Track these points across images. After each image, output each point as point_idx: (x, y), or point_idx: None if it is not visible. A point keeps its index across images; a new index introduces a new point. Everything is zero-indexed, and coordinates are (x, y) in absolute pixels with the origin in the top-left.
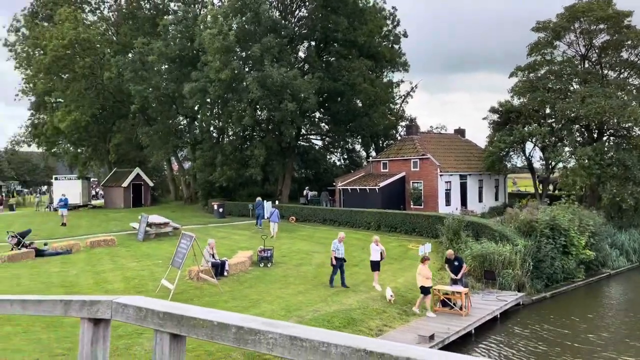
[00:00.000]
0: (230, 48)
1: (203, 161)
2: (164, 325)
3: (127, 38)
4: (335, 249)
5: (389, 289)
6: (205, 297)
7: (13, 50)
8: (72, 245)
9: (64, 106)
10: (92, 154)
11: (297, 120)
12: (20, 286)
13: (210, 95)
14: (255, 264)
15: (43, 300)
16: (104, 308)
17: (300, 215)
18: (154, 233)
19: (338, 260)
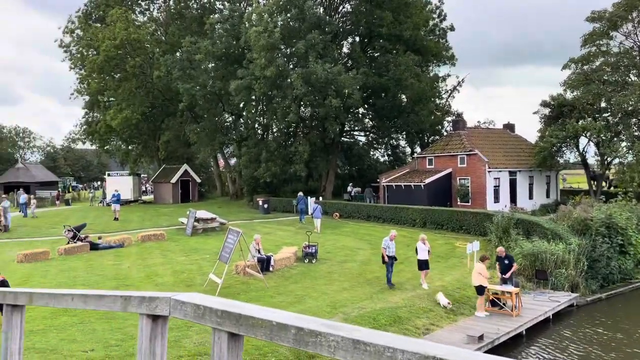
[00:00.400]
0: (275, 45)
1: (248, 158)
2: (222, 323)
3: (175, 37)
4: (386, 247)
5: (442, 296)
6: (252, 292)
7: (68, 51)
8: (124, 239)
9: (116, 105)
10: (142, 151)
11: (341, 116)
12: (76, 278)
13: (256, 92)
14: (300, 259)
15: (104, 296)
16: (163, 305)
17: (344, 212)
18: (202, 228)
19: (389, 258)
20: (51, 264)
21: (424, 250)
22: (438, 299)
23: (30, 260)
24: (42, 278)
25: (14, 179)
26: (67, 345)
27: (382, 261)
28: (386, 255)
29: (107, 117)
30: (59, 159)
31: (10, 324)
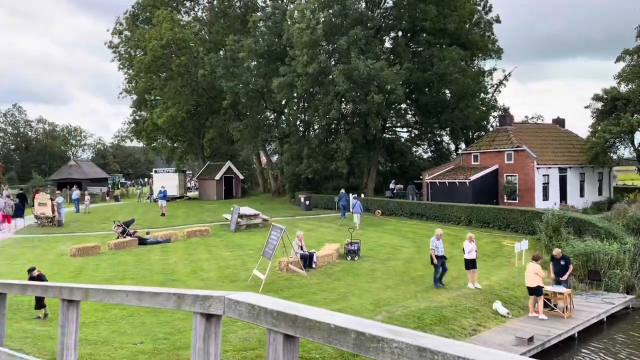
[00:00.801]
0: (318, 42)
1: (290, 154)
2: (278, 325)
3: (219, 36)
4: (435, 247)
5: (500, 304)
6: (295, 288)
7: (117, 52)
8: (170, 235)
9: (162, 103)
10: (187, 149)
11: (384, 112)
12: (125, 272)
13: (297, 89)
14: (342, 256)
15: (158, 293)
16: (217, 304)
17: (387, 209)
18: (245, 224)
19: (439, 258)
20: (102, 258)
21: (471, 250)
22: (496, 308)
23: (82, 254)
24: (94, 272)
25: (67, 175)
26: (118, 338)
27: (431, 262)
28: (435, 255)
29: (154, 116)
30: (108, 156)
31: (66, 319)
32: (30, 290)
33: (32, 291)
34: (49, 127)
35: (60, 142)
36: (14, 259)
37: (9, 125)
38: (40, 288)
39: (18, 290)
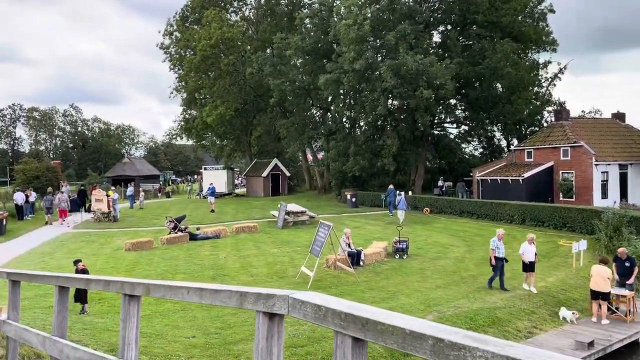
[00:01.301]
0: (365, 38)
1: (336, 151)
2: (346, 327)
3: (266, 34)
4: (495, 248)
5: (565, 310)
6: (343, 286)
7: (168, 53)
8: (220, 231)
9: (211, 102)
10: (235, 146)
11: (432, 107)
12: (177, 267)
13: (344, 85)
14: (391, 255)
15: (220, 290)
16: (280, 303)
17: (435, 207)
18: (292, 221)
19: (499, 260)
20: (155, 253)
21: (530, 252)
22: (562, 314)
23: (136, 249)
24: (147, 266)
25: (121, 172)
26: (171, 331)
27: (490, 263)
28: (494, 257)
29: (203, 114)
30: (159, 153)
31: (128, 313)
32: (93, 284)
33: (96, 285)
34: (104, 126)
35: (114, 141)
36: (73, 253)
37: (68, 125)
38: (103, 282)
39: (82, 284)
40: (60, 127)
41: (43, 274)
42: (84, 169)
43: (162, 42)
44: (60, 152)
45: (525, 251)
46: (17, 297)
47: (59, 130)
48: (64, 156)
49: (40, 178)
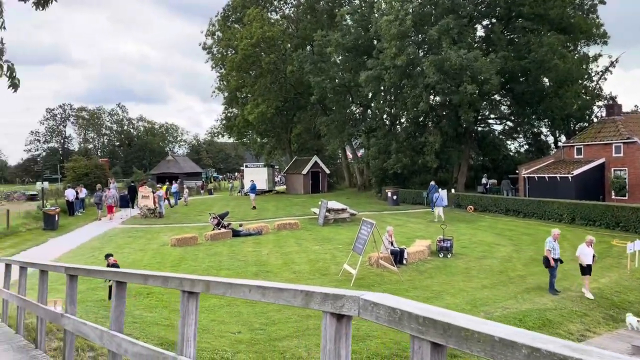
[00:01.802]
0: (406, 33)
1: (377, 149)
2: (425, 332)
3: (306, 32)
4: (552, 248)
5: (632, 317)
6: (386, 284)
7: (210, 52)
8: (262, 227)
9: (252, 100)
10: (275, 144)
11: (477, 103)
12: (221, 263)
13: (385, 82)
14: (434, 253)
15: (283, 289)
16: (350, 304)
17: (479, 205)
18: (333, 218)
19: (555, 261)
20: (199, 249)
21: (588, 254)
22: (629, 320)
23: (181, 245)
24: (193, 261)
25: (165, 170)
26: (217, 326)
27: (546, 265)
28: (552, 257)
29: (245, 112)
30: (202, 151)
31: (187, 310)
32: (151, 280)
33: (154, 281)
34: (149, 124)
35: (158, 139)
36: (121, 248)
37: (114, 124)
38: (161, 279)
39: (140, 280)
40: (107, 126)
41: (101, 269)
42: (130, 167)
43: (204, 42)
44: (107, 150)
45: (583, 253)
46: (75, 291)
47: (106, 129)
48: (111, 154)
49: (89, 175)
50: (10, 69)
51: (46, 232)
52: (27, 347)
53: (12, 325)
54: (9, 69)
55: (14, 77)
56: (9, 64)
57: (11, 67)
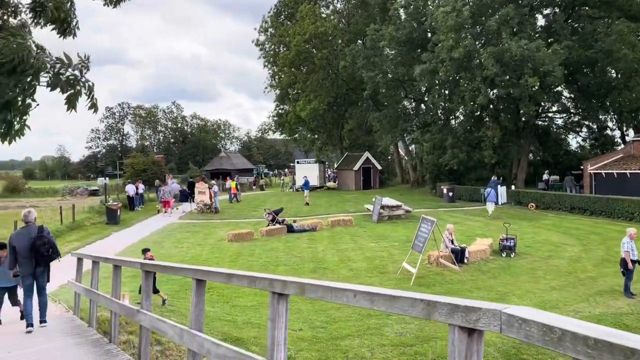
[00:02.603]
0: (464, 24)
1: (432, 144)
2: (598, 357)
3: (358, 27)
4: (630, 249)
5: None
6: (447, 284)
7: (263, 49)
8: (316, 224)
9: (304, 96)
10: (326, 140)
11: (538, 96)
12: (278, 259)
13: (441, 75)
14: (496, 253)
15: (398, 297)
16: (488, 319)
17: (541, 202)
18: (387, 215)
19: (633, 263)
20: (256, 244)
21: None
22: None
23: (238, 240)
24: (250, 257)
25: (218, 166)
26: None
27: (624, 267)
28: (630, 259)
29: (297, 108)
30: (252, 148)
31: (277, 313)
32: (236, 279)
33: (239, 281)
34: (202, 122)
35: (211, 136)
36: (180, 242)
37: (169, 121)
38: (248, 279)
39: (223, 279)
40: (162, 123)
41: (179, 266)
42: (185, 163)
43: (257, 39)
44: (162, 146)
45: None
46: (150, 287)
47: (162, 126)
48: (166, 151)
49: (147, 171)
50: (90, 88)
51: (109, 226)
52: (101, 341)
53: (84, 318)
54: (89, 89)
55: (93, 97)
56: (89, 83)
57: (91, 87)
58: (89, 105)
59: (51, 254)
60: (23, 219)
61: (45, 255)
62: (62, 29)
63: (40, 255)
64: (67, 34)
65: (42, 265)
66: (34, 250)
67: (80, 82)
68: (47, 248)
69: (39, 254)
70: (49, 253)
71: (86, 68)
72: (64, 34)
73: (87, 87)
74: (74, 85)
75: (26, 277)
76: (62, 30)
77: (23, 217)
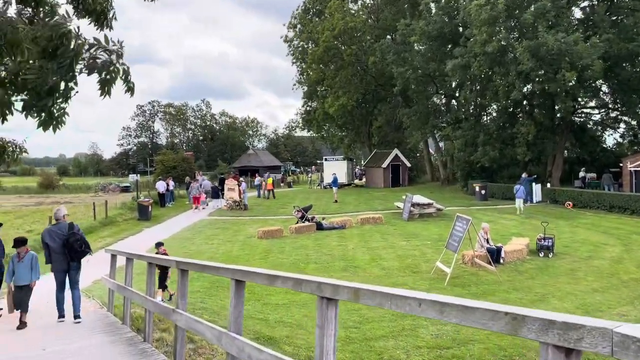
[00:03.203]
0: (498, 18)
1: (464, 141)
2: None
3: (387, 22)
4: None
5: None
6: (483, 285)
7: (291, 45)
8: (345, 221)
9: (333, 93)
10: (354, 137)
11: (576, 91)
12: (309, 256)
13: (473, 71)
14: (533, 252)
15: (474, 308)
16: (594, 338)
17: (579, 201)
18: (418, 213)
19: None
20: (285, 241)
21: None
22: None
23: (267, 237)
24: (280, 254)
25: (246, 163)
26: (310, 322)
27: None
28: None
29: (325, 105)
30: (280, 145)
31: (325, 318)
32: (280, 282)
33: (283, 283)
34: (230, 119)
35: (239, 133)
36: (211, 239)
37: (198, 119)
38: (293, 281)
39: (265, 280)
40: (191, 121)
41: (218, 265)
42: (213, 160)
43: (285, 35)
44: (191, 144)
45: None
46: (186, 286)
47: (191, 124)
48: (195, 148)
49: (176, 168)
50: (126, 72)
51: (140, 222)
52: (135, 340)
53: (117, 315)
54: (124, 72)
55: (129, 80)
56: (125, 67)
57: (126, 71)
58: (125, 89)
59: (84, 250)
60: (54, 216)
61: (79, 251)
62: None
63: (74, 251)
64: (104, 26)
65: (76, 261)
66: (68, 247)
67: (116, 67)
68: (80, 244)
69: (73, 250)
70: (82, 249)
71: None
72: (101, 26)
73: (123, 71)
74: (109, 70)
75: (59, 272)
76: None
77: (54, 214)
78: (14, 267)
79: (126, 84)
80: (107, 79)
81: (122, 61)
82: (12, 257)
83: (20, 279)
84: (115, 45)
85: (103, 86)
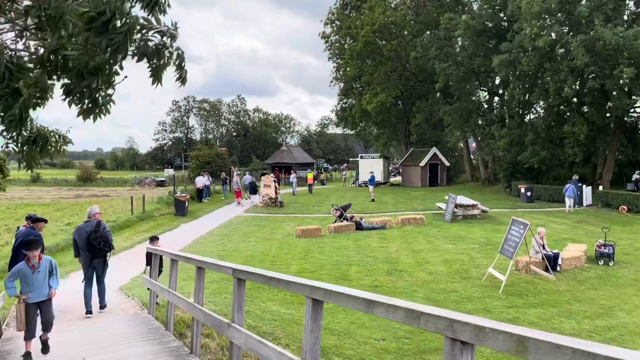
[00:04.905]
0: (551, 11)
1: (509, 140)
2: None
3: (429, 17)
4: None
5: None
6: (541, 294)
7: (328, 42)
8: (385, 222)
9: (371, 89)
10: (391, 134)
11: (633, 88)
12: (350, 258)
13: (522, 66)
14: (591, 260)
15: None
16: None
17: (634, 205)
18: (461, 215)
19: None
20: (324, 241)
21: None
22: None
23: (306, 236)
24: (320, 254)
25: (279, 160)
26: (358, 330)
27: None
28: None
29: (363, 102)
30: (312, 142)
31: None
32: (381, 310)
33: (385, 313)
34: (264, 115)
35: (272, 130)
36: (248, 237)
37: (232, 115)
38: (404, 311)
39: (362, 306)
40: (225, 117)
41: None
42: (247, 156)
43: (323, 31)
44: (225, 140)
45: None
46: (243, 297)
47: (225, 119)
48: (229, 144)
49: (211, 163)
50: (180, 57)
51: (177, 218)
52: (180, 351)
53: (159, 318)
54: (178, 57)
55: (183, 67)
56: (179, 51)
57: (180, 55)
58: (176, 77)
59: (103, 247)
60: (87, 214)
61: (97, 248)
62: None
63: (92, 247)
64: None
65: (98, 257)
66: (88, 244)
67: (169, 51)
68: (98, 242)
69: (92, 246)
70: (100, 246)
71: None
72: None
73: (177, 56)
74: (162, 54)
75: (85, 266)
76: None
77: (87, 212)
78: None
79: (179, 72)
80: (160, 64)
81: (176, 44)
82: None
83: (39, 294)
84: (168, 27)
85: (154, 72)
